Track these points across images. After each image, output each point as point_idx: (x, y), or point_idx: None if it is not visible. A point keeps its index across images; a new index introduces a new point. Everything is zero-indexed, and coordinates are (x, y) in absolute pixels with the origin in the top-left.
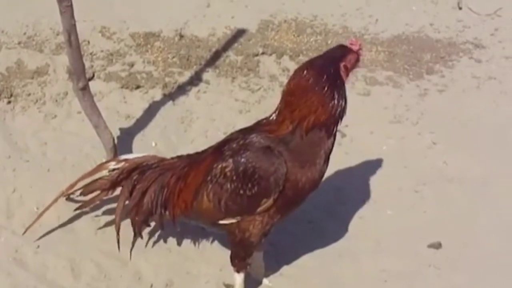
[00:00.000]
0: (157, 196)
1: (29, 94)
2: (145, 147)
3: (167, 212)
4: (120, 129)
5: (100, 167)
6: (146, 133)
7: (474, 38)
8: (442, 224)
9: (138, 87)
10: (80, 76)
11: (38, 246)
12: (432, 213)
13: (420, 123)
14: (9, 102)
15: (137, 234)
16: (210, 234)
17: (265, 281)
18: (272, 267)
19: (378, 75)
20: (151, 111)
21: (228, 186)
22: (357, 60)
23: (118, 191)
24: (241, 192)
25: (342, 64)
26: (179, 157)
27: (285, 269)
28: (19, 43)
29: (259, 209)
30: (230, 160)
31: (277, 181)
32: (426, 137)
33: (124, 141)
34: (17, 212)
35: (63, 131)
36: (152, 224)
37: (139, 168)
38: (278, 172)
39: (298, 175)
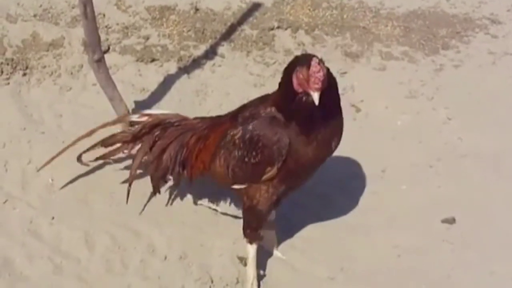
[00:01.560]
0: (176, 154)
1: (45, 67)
2: None
3: (185, 171)
4: (135, 102)
5: (122, 118)
6: (161, 106)
7: (490, 13)
8: (456, 200)
9: (153, 60)
10: (96, 48)
11: (53, 218)
12: (446, 189)
13: (435, 98)
14: (24, 74)
15: (155, 189)
16: (224, 207)
17: (278, 253)
18: (284, 241)
19: (393, 50)
20: (166, 84)
21: (236, 153)
22: (306, 76)
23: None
24: (246, 159)
25: (296, 69)
26: (201, 118)
27: (297, 242)
28: (35, 15)
29: (264, 177)
30: (240, 128)
31: (280, 150)
32: (441, 113)
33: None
34: (32, 183)
35: (78, 103)
36: (170, 182)
37: (162, 125)
38: (281, 142)
39: (302, 148)
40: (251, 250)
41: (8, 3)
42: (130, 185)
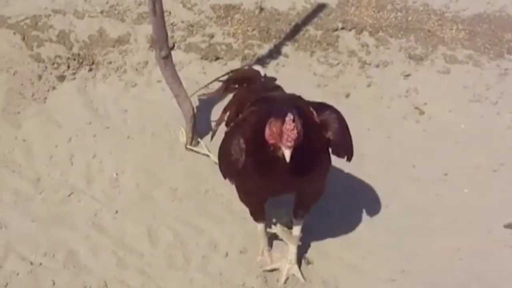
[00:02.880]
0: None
1: (110, 62)
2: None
3: None
4: (199, 99)
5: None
6: (224, 104)
7: None
8: None
9: (217, 58)
10: (163, 45)
11: (117, 212)
12: (509, 193)
13: (500, 102)
14: (90, 70)
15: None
16: (286, 204)
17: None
18: (346, 242)
19: (458, 53)
20: None
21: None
22: (279, 131)
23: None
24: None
25: (270, 120)
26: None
27: (359, 243)
28: (102, 12)
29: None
30: (232, 124)
31: (230, 169)
32: (505, 117)
33: (203, 111)
34: (96, 177)
35: (143, 99)
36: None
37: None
38: (234, 164)
39: (249, 175)
40: (258, 226)
41: None
42: (216, 126)
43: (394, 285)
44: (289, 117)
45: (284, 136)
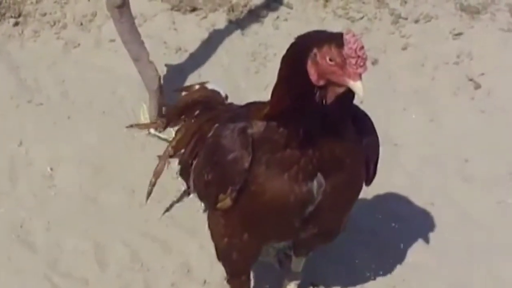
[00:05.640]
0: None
1: (44, 14)
2: None
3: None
4: (167, 65)
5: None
6: (203, 73)
7: None
8: None
9: (194, 9)
10: None
11: (49, 223)
12: None
13: None
14: (16, 24)
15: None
16: None
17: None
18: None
19: None
20: (211, 43)
21: (199, 159)
22: (339, 58)
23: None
24: (203, 172)
25: (313, 52)
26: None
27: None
28: None
29: (218, 205)
30: (212, 133)
31: (233, 174)
32: None
33: (172, 81)
34: (23, 173)
35: (89, 64)
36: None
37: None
38: (236, 164)
39: (264, 179)
40: None
41: None
42: (154, 179)
43: None
44: (349, 34)
45: (352, 59)
